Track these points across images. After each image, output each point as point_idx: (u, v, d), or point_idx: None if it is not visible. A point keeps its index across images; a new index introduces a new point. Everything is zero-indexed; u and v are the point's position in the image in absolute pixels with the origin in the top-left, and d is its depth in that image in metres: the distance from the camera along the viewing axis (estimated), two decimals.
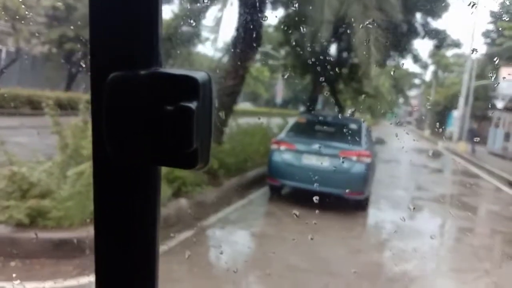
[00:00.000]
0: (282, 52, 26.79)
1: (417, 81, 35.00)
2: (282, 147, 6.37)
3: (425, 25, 13.93)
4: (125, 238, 0.54)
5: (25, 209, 3.68)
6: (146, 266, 0.55)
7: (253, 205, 6.36)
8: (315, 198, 3.83)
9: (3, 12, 15.71)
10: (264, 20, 7.65)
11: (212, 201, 5.87)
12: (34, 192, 3.85)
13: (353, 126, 6.88)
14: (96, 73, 0.50)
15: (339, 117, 10.16)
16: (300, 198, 6.51)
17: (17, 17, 16.41)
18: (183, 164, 0.48)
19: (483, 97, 23.87)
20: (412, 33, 13.98)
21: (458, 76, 32.79)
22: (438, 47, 15.36)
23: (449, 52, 31.41)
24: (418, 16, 13.83)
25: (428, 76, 33.74)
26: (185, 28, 25.40)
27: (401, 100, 32.96)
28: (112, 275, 0.56)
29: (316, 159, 6.13)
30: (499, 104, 19.26)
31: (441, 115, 27.66)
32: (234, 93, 7.10)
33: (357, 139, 6.49)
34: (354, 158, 6.08)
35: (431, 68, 33.46)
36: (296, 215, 5.40)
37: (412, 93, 37.61)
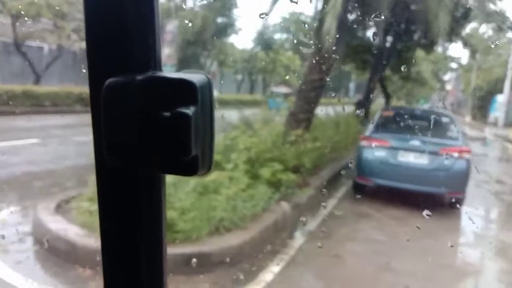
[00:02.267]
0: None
1: (453, 65, 33.89)
2: (374, 144, 6.02)
3: (482, 7, 13.23)
4: (131, 247, 0.53)
5: None
6: (154, 273, 0.54)
7: (345, 206, 6.06)
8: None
9: (46, 9, 15.74)
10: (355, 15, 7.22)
11: (307, 203, 5.60)
12: None
13: (445, 119, 6.47)
14: (94, 79, 0.49)
15: (426, 110, 9.69)
16: (390, 197, 6.19)
17: (59, 14, 16.43)
18: (183, 171, 0.47)
19: None
20: (469, 16, 13.30)
21: (496, 59, 31.55)
22: (498, 30, 14.63)
23: (487, 34, 30.24)
24: None
25: (464, 59, 32.60)
26: (220, 20, 25.24)
27: (437, 85, 32.09)
28: (120, 283, 0.55)
29: (413, 156, 5.78)
30: None
31: (483, 100, 26.67)
32: (319, 88, 6.76)
33: (454, 134, 6.10)
34: (456, 154, 5.70)
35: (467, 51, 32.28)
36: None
37: (446, 77, 36.49)
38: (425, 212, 4.96)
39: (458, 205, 5.98)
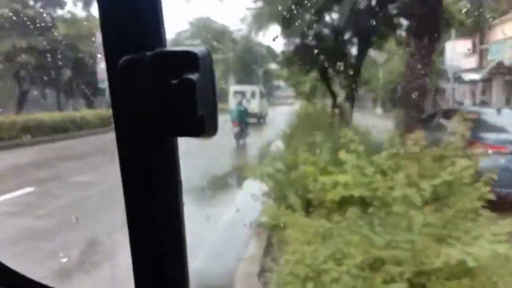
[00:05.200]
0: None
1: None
2: (491, 151, 5.66)
3: None
4: (151, 204, 0.59)
5: None
6: (174, 233, 0.61)
7: None
8: None
9: None
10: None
11: None
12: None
13: None
14: (109, 58, 0.56)
15: (494, 108, 9.76)
16: None
17: None
18: (192, 132, 0.53)
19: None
20: None
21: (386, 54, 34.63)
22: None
23: None
24: None
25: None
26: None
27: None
28: (144, 247, 0.61)
29: None
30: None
31: (392, 92, 28.93)
32: (424, 92, 6.19)
33: None
34: None
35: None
36: None
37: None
38: None
39: None
